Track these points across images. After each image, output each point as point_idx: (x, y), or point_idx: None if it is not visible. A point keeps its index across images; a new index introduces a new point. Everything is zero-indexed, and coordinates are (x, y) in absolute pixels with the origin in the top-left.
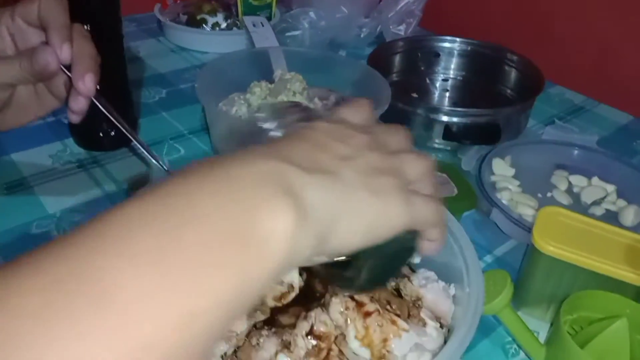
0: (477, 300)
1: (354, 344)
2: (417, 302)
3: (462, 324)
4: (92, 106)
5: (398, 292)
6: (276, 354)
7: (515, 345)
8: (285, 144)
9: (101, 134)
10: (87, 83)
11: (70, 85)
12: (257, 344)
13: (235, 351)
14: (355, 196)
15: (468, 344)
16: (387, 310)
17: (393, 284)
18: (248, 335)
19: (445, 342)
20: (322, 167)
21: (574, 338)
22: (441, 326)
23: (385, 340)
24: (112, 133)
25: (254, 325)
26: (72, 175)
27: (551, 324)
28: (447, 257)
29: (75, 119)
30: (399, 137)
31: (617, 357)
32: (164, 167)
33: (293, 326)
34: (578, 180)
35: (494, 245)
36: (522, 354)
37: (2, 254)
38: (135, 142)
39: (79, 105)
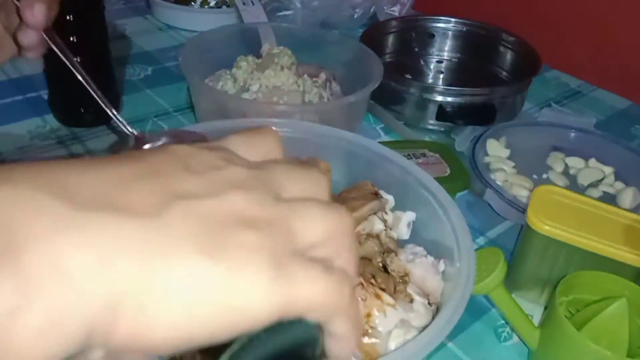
0: (467, 275)
1: None
2: (404, 278)
3: (451, 299)
4: (72, 79)
5: (384, 268)
6: None
7: (508, 329)
8: (80, 164)
9: (82, 110)
10: (36, 14)
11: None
12: None
13: None
14: (178, 255)
15: (457, 320)
16: (371, 283)
17: (379, 259)
18: None
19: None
20: (128, 204)
21: (569, 320)
22: (430, 304)
23: (368, 315)
24: (93, 109)
25: None
26: (52, 152)
27: (545, 307)
28: (437, 232)
29: (30, 55)
30: (304, 181)
31: (615, 339)
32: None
33: None
34: (575, 162)
35: (487, 227)
36: (515, 337)
37: None
38: (111, 115)
39: (27, 38)
